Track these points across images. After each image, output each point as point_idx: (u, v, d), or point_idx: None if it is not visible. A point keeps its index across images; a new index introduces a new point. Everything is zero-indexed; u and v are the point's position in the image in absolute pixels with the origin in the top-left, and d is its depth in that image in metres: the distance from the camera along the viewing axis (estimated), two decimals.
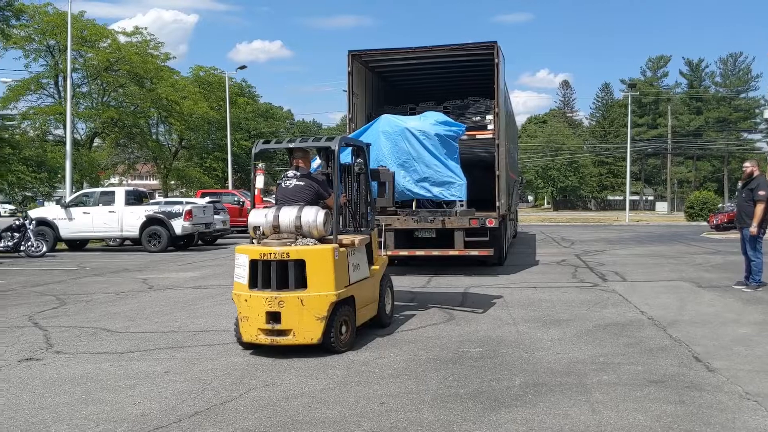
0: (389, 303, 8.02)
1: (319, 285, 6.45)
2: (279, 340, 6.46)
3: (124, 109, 36.57)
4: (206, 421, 4.67)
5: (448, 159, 8.67)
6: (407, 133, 8.79)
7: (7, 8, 27.07)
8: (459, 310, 9.00)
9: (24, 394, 5.35)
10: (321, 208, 6.78)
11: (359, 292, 7.05)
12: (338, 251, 6.60)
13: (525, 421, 4.58)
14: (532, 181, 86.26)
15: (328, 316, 6.42)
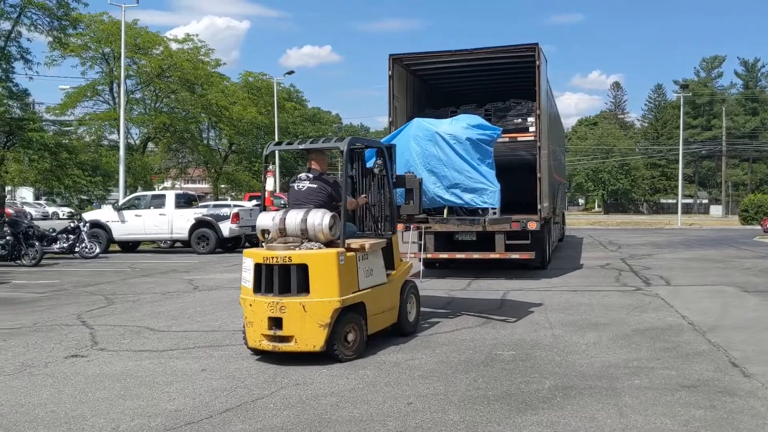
0: (413, 311, 7.74)
1: (323, 290, 6.26)
2: (280, 346, 6.31)
3: (175, 114, 37.45)
4: (236, 417, 4.80)
5: (480, 164, 8.25)
6: (437, 138, 8.44)
7: (64, 18, 28.06)
8: (496, 313, 8.99)
9: (66, 388, 5.57)
10: (328, 211, 6.61)
11: (372, 299, 6.81)
12: (344, 256, 6.40)
13: (550, 423, 4.57)
14: (582, 184, 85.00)
15: (332, 323, 6.23)
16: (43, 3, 26.49)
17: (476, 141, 8.31)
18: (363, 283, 6.70)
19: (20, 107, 27.15)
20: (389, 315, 7.24)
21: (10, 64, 26.80)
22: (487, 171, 8.24)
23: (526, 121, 13.42)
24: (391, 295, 7.30)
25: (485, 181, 8.16)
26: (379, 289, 6.99)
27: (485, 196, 8.14)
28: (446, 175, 8.31)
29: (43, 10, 26.76)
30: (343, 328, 6.36)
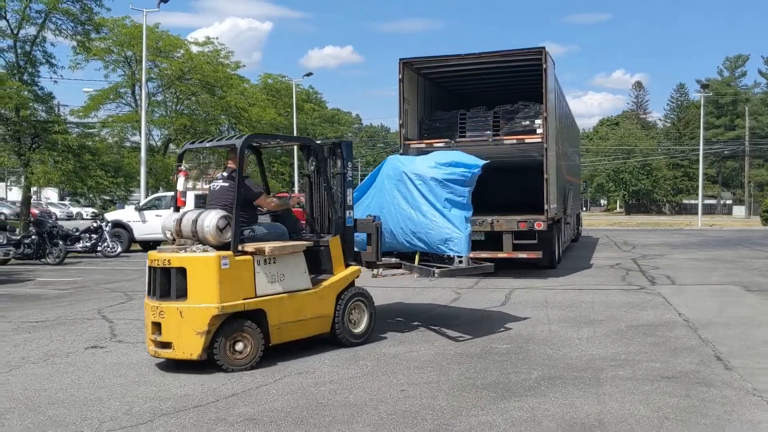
0: (361, 320, 7.18)
1: (201, 296, 5.94)
2: (161, 352, 6.12)
3: (196, 116, 38.02)
4: (240, 401, 5.18)
5: (448, 207, 7.35)
6: (405, 177, 7.70)
7: (88, 22, 28.65)
8: (498, 310, 9.29)
9: (86, 375, 5.99)
10: (222, 212, 6.29)
11: (279, 306, 6.36)
12: (229, 259, 6.01)
13: (531, 408, 4.89)
14: (603, 184, 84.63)
15: (210, 331, 5.89)
16: (67, 8, 27.09)
17: (443, 181, 7.43)
18: (264, 289, 6.26)
19: (45, 110, 27.79)
20: (315, 323, 6.77)
21: (35, 68, 27.40)
22: (455, 215, 7.36)
23: (534, 123, 13.67)
24: (320, 303, 6.78)
25: (451, 227, 7.29)
26: (295, 296, 6.53)
27: (451, 243, 7.28)
28: (412, 218, 7.55)
29: (67, 15, 27.35)
30: (230, 336, 6.01)
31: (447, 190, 7.38)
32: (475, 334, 7.63)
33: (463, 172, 7.47)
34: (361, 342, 7.08)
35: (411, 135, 14.20)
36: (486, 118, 14.18)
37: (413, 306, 9.69)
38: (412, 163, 7.93)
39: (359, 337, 7.12)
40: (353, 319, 7.12)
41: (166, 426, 4.62)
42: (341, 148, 7.39)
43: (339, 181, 7.33)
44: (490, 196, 20.18)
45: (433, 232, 7.34)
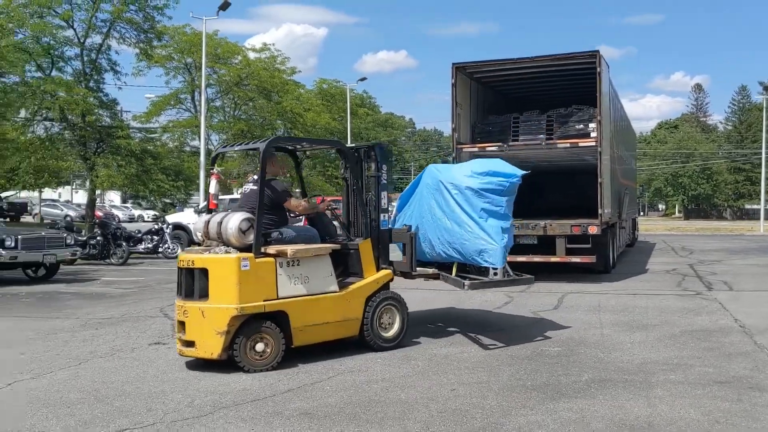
0: (392, 324, 7.09)
1: (221, 297, 6.07)
2: (185, 351, 6.30)
3: (253, 121, 38.82)
4: (296, 396, 5.38)
5: (484, 217, 7.18)
6: (441, 186, 7.55)
7: (150, 31, 29.64)
8: (550, 313, 9.30)
9: (150, 370, 6.29)
10: (244, 214, 6.42)
11: (302, 308, 6.40)
12: (249, 261, 6.12)
13: (580, 409, 4.95)
14: (661, 188, 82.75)
15: (230, 331, 6.01)
16: (131, 17, 28.08)
17: (479, 190, 7.26)
18: (286, 291, 6.32)
19: (110, 116, 28.84)
20: (341, 326, 6.77)
21: (100, 75, 28.48)
22: (491, 225, 7.18)
23: (588, 126, 13.59)
24: (347, 306, 6.76)
25: (486, 237, 7.11)
26: (320, 299, 6.56)
27: (485, 254, 7.10)
28: (448, 228, 7.40)
29: (131, 24, 28.35)
30: (250, 337, 6.10)
31: (483, 200, 7.23)
32: (525, 336, 7.68)
33: (501, 181, 7.30)
34: (392, 346, 6.97)
35: (464, 139, 14.28)
36: (539, 121, 14.16)
37: (464, 309, 9.78)
38: (449, 171, 7.77)
39: (390, 341, 7.03)
40: (384, 323, 7.04)
41: (226, 418, 4.85)
42: (375, 151, 7.35)
43: (373, 184, 7.29)
44: (544, 200, 20.13)
45: (468, 242, 7.20)
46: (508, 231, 7.27)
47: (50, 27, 26.60)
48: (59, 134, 28.57)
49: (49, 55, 27.27)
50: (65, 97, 25.67)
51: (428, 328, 8.29)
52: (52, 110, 26.93)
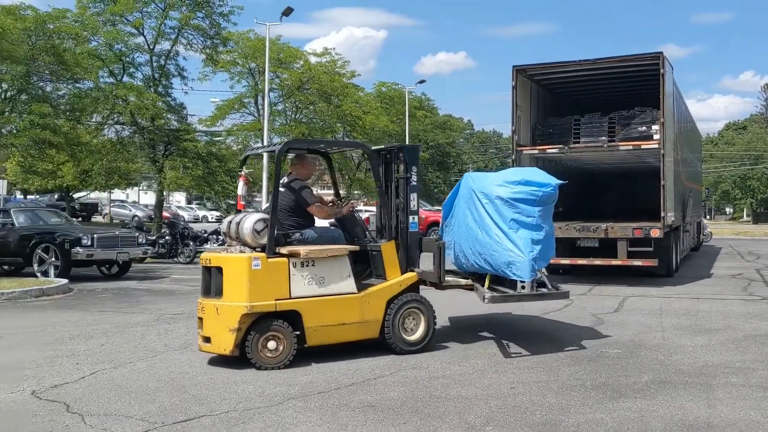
0: (416, 328, 6.98)
1: (233, 295, 6.27)
2: (203, 346, 6.52)
3: (313, 124, 39.47)
4: (360, 390, 5.61)
5: (514, 227, 6.96)
6: (473, 195, 7.35)
7: (216, 37, 30.58)
8: (610, 316, 9.29)
9: (221, 362, 6.58)
10: (259, 215, 6.63)
11: (317, 309, 6.49)
12: (261, 261, 6.27)
13: (639, 409, 5.02)
14: (729, 191, 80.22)
15: (241, 329, 6.17)
16: (198, 24, 29.05)
17: (508, 200, 7.03)
18: (299, 291, 6.42)
19: (177, 120, 29.84)
20: (359, 328, 6.76)
21: (168, 80, 29.56)
22: (521, 236, 6.94)
23: (651, 128, 13.44)
24: (365, 308, 6.75)
25: (515, 249, 6.88)
26: (337, 300, 6.60)
27: (514, 267, 6.88)
28: (478, 239, 7.20)
29: (198, 30, 29.33)
30: (262, 335, 6.23)
31: (514, 210, 7.00)
32: (585, 338, 7.73)
33: (533, 190, 7.05)
34: (417, 350, 6.89)
35: (524, 141, 14.31)
36: (601, 123, 14.09)
37: (523, 311, 9.84)
38: (482, 180, 7.53)
39: (414, 344, 6.92)
40: (408, 327, 6.94)
41: (294, 408, 5.11)
42: (403, 152, 7.31)
43: (402, 186, 7.24)
44: (606, 203, 19.93)
45: (496, 254, 6.98)
46: (541, 242, 6.99)
47: (122, 34, 27.76)
48: (130, 137, 29.76)
49: (120, 61, 28.45)
50: (136, 102, 26.74)
51: (486, 329, 8.42)
52: (123, 114, 28.10)
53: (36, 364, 6.57)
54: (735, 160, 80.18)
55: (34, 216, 16.00)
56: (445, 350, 7.12)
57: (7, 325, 8.94)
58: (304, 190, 7.05)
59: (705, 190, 34.39)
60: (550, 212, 7.34)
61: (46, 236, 14.40)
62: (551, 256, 7.33)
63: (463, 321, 8.90)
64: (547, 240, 7.15)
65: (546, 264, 7.28)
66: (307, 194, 7.03)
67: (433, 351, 7.04)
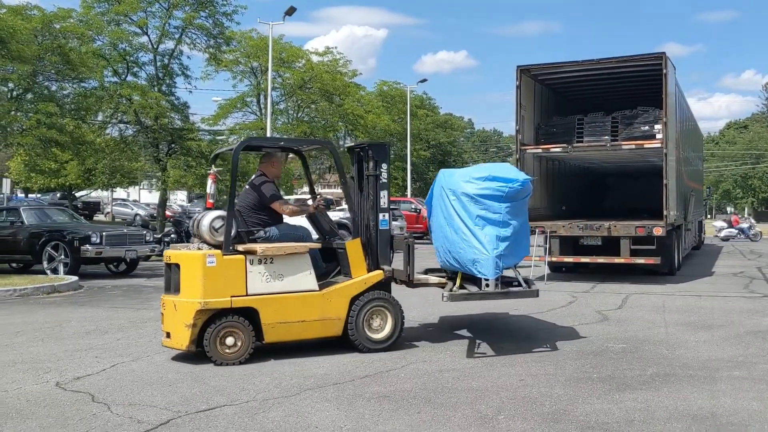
0: (383, 327, 6.94)
1: (189, 291, 6.36)
2: (165, 341, 6.64)
3: (315, 123, 39.69)
4: (373, 381, 5.79)
5: (480, 224, 6.84)
6: (443, 192, 7.30)
7: (219, 36, 30.75)
8: (614, 312, 9.47)
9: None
10: (217, 213, 6.68)
11: (275, 306, 6.51)
12: (216, 258, 6.33)
13: (645, 400, 5.19)
14: (730, 191, 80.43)
15: (196, 325, 6.25)
16: (201, 23, 29.23)
17: (474, 196, 6.92)
18: (256, 288, 6.46)
19: (181, 119, 30.00)
20: (321, 325, 6.77)
21: (172, 79, 29.72)
22: (486, 233, 6.81)
23: (653, 128, 13.61)
24: (327, 305, 6.76)
25: (479, 246, 6.78)
26: (296, 297, 6.62)
27: (478, 264, 6.78)
28: (447, 236, 7.16)
29: (201, 29, 29.51)
30: (218, 331, 6.28)
31: (480, 207, 6.88)
32: (590, 334, 7.90)
33: (500, 186, 6.90)
34: (383, 348, 6.85)
35: (527, 140, 14.48)
36: (604, 123, 14.25)
37: (528, 308, 10.00)
38: (451, 177, 7.40)
39: (380, 343, 6.88)
40: (375, 325, 6.90)
41: (311, 398, 5.29)
42: (372, 150, 7.24)
43: (372, 183, 7.17)
44: (608, 201, 20.11)
45: (462, 251, 6.91)
46: (508, 239, 6.86)
47: (126, 34, 27.95)
48: (133, 136, 29.93)
49: (124, 60, 28.64)
50: (140, 101, 26.93)
51: (493, 324, 8.60)
52: (127, 113, 28.28)
53: (56, 358, 6.75)
54: (736, 159, 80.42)
55: (43, 214, 16.21)
56: (453, 345, 7.29)
57: (23, 320, 9.12)
58: (266, 186, 7.10)
59: (706, 190, 34.56)
60: (522, 208, 7.25)
61: (55, 234, 14.59)
62: (524, 254, 7.26)
63: (470, 317, 9.07)
64: (518, 237, 7.04)
65: (517, 262, 7.24)
66: (268, 190, 7.06)
67: (443, 343, 7.21)
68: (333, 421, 4.75)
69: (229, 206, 6.62)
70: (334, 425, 4.66)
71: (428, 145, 55.40)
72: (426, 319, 8.76)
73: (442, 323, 8.68)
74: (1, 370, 6.27)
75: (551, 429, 4.56)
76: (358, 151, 7.49)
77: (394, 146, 50.15)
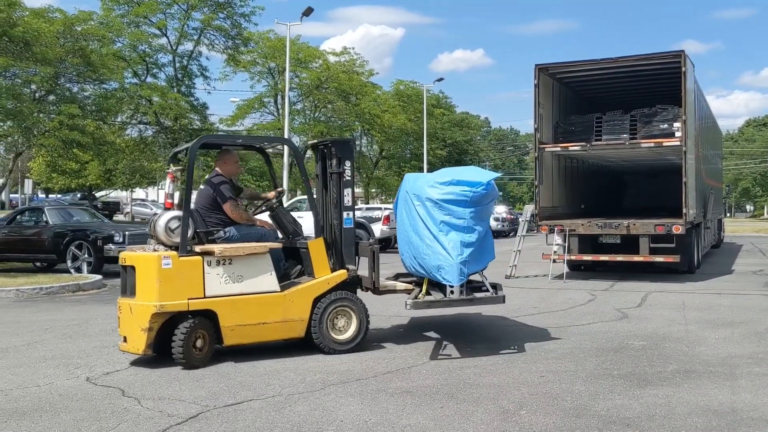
0: (345, 326, 6.81)
1: (145, 294, 6.22)
2: (122, 345, 6.48)
3: (332, 123, 39.88)
4: (396, 377, 5.88)
5: (444, 230, 6.67)
6: (407, 197, 7.11)
7: (237, 37, 30.99)
8: (634, 310, 9.49)
9: (262, 352, 6.84)
10: (172, 213, 6.47)
11: (234, 308, 6.37)
12: (171, 259, 6.18)
13: (666, 396, 5.25)
14: (749, 188, 79.69)
15: (153, 328, 6.14)
16: (220, 25, 29.48)
17: (438, 201, 6.75)
18: (214, 290, 6.31)
19: (200, 119, 30.27)
20: (282, 327, 6.63)
21: (191, 80, 30.00)
22: (450, 239, 6.66)
23: (672, 126, 13.58)
24: (288, 307, 6.61)
25: (443, 252, 6.63)
26: (256, 298, 6.49)
27: (443, 271, 6.64)
28: (412, 242, 6.99)
29: (219, 31, 29.76)
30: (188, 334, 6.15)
31: (444, 212, 6.72)
32: (610, 331, 7.94)
33: (464, 191, 6.71)
34: (347, 350, 6.72)
35: (546, 139, 14.51)
36: (623, 121, 14.24)
37: (548, 306, 10.08)
38: (415, 182, 7.21)
39: (344, 344, 6.75)
40: (339, 326, 6.78)
41: (336, 393, 5.39)
42: (335, 147, 7.16)
43: (336, 181, 7.08)
44: (627, 199, 20.07)
45: (427, 257, 6.75)
46: (473, 245, 6.70)
47: (146, 36, 28.26)
48: (153, 137, 30.24)
49: (144, 62, 28.96)
50: (159, 102, 27.23)
51: (514, 322, 8.66)
52: (147, 114, 28.58)
53: (85, 354, 6.91)
54: (755, 157, 79.61)
55: (66, 214, 16.45)
56: (473, 342, 7.36)
57: (51, 318, 9.31)
58: (222, 185, 6.94)
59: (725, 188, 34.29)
60: (487, 213, 7.11)
61: (79, 233, 14.81)
62: (490, 259, 7.08)
63: (488, 317, 9.13)
64: (483, 242, 6.88)
65: (482, 267, 7.04)
66: (223, 189, 6.89)
67: (462, 342, 7.30)
68: (358, 415, 4.85)
69: (184, 206, 6.49)
70: (359, 419, 4.76)
71: (444, 144, 55.41)
72: (445, 317, 8.84)
73: (460, 320, 8.75)
74: (33, 365, 6.44)
75: (573, 424, 4.63)
76: (322, 148, 7.40)
77: (410, 145, 50.25)
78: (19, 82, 21.18)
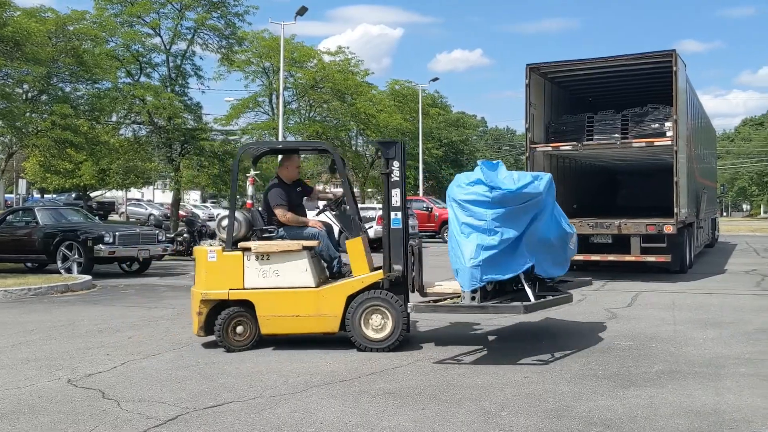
0: (380, 325, 6.82)
1: (198, 283, 7.14)
2: None
3: (327, 123, 39.77)
4: (380, 378, 5.85)
5: (469, 232, 6.51)
6: (449, 197, 6.97)
7: (232, 37, 30.85)
8: (623, 310, 9.47)
9: (248, 355, 6.83)
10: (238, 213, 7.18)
11: (270, 300, 6.86)
12: (216, 254, 6.96)
13: (649, 397, 5.22)
14: (745, 188, 79.77)
15: (202, 313, 6.93)
16: (213, 24, 29.34)
17: (461, 202, 6.63)
18: (252, 283, 6.89)
19: (194, 119, 30.13)
20: (316, 321, 6.92)
21: (185, 80, 29.85)
22: (469, 241, 6.46)
23: (664, 125, 13.56)
24: (322, 302, 6.88)
25: (460, 255, 6.47)
26: (291, 293, 6.88)
27: (458, 274, 6.54)
28: (450, 242, 6.90)
29: (213, 30, 29.61)
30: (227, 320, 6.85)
31: (466, 213, 6.57)
32: (597, 331, 7.92)
33: (485, 191, 6.49)
34: (383, 348, 6.77)
35: (537, 139, 14.48)
36: (614, 121, 14.22)
37: None
38: (453, 182, 7.04)
39: (378, 342, 6.81)
40: (374, 325, 6.84)
41: (318, 395, 5.35)
42: (381, 148, 7.26)
43: (384, 182, 7.13)
44: (619, 199, 20.04)
45: (452, 258, 6.66)
46: (494, 249, 6.40)
47: (139, 35, 28.09)
48: (147, 137, 30.11)
49: (138, 61, 28.80)
50: (153, 102, 27.07)
51: (500, 322, 8.62)
52: (140, 114, 28.44)
53: (69, 355, 6.86)
54: (752, 156, 79.72)
55: (57, 214, 16.38)
56: (459, 342, 7.33)
57: (37, 318, 9.26)
58: (272, 190, 7.49)
59: (720, 187, 34.30)
60: (518, 215, 6.65)
61: (69, 234, 14.75)
62: (519, 268, 6.62)
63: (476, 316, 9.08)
64: (509, 247, 6.52)
65: (508, 275, 6.60)
66: (273, 195, 7.42)
67: (448, 343, 7.26)
68: (338, 417, 4.82)
69: (230, 206, 7.22)
70: (340, 421, 4.73)
71: (440, 143, 55.43)
72: (432, 317, 8.79)
73: (449, 320, 8.71)
74: (15, 367, 6.40)
75: (554, 425, 4.60)
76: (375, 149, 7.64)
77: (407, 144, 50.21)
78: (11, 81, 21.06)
